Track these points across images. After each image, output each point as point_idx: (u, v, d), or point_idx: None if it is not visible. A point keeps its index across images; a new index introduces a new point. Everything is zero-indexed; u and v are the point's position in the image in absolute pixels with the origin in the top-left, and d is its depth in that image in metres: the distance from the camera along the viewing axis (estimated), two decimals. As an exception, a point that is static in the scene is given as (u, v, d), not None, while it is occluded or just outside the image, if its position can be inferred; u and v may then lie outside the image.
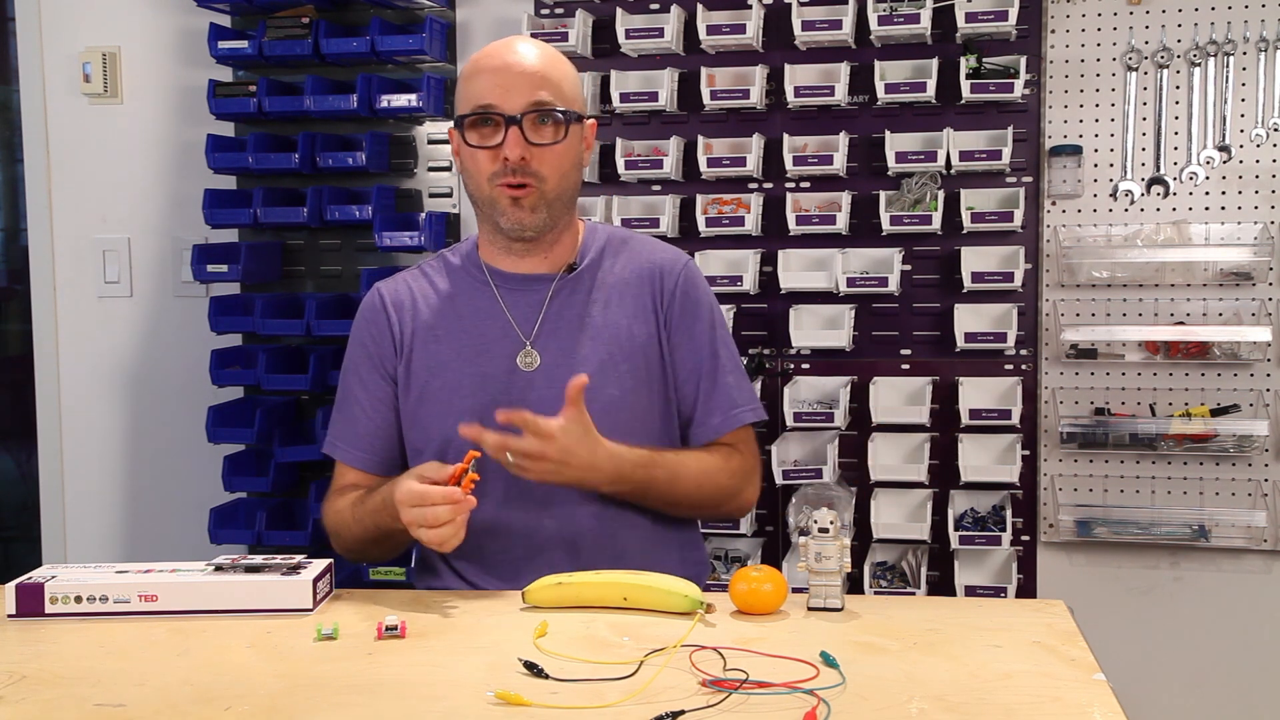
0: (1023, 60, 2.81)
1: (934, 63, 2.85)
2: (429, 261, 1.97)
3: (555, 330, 1.84)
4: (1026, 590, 2.88)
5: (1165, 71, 2.84)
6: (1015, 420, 2.80)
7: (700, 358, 1.90)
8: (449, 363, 1.85)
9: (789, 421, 2.85)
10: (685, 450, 1.90)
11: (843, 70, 2.87)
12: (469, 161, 1.82)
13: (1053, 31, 2.89)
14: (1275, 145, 2.82)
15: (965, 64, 2.80)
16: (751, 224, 2.93)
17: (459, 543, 1.61)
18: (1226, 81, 2.82)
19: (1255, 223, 2.83)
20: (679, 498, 1.85)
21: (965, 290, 2.85)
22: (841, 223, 2.88)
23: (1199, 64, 2.83)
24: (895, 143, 2.86)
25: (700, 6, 2.91)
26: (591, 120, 1.90)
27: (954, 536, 2.82)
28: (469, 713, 1.23)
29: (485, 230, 1.89)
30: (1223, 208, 2.85)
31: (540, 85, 1.77)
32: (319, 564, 1.63)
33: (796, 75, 2.92)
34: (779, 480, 2.83)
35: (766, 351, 3.01)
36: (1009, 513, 2.82)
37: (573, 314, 1.85)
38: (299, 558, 1.66)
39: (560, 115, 1.78)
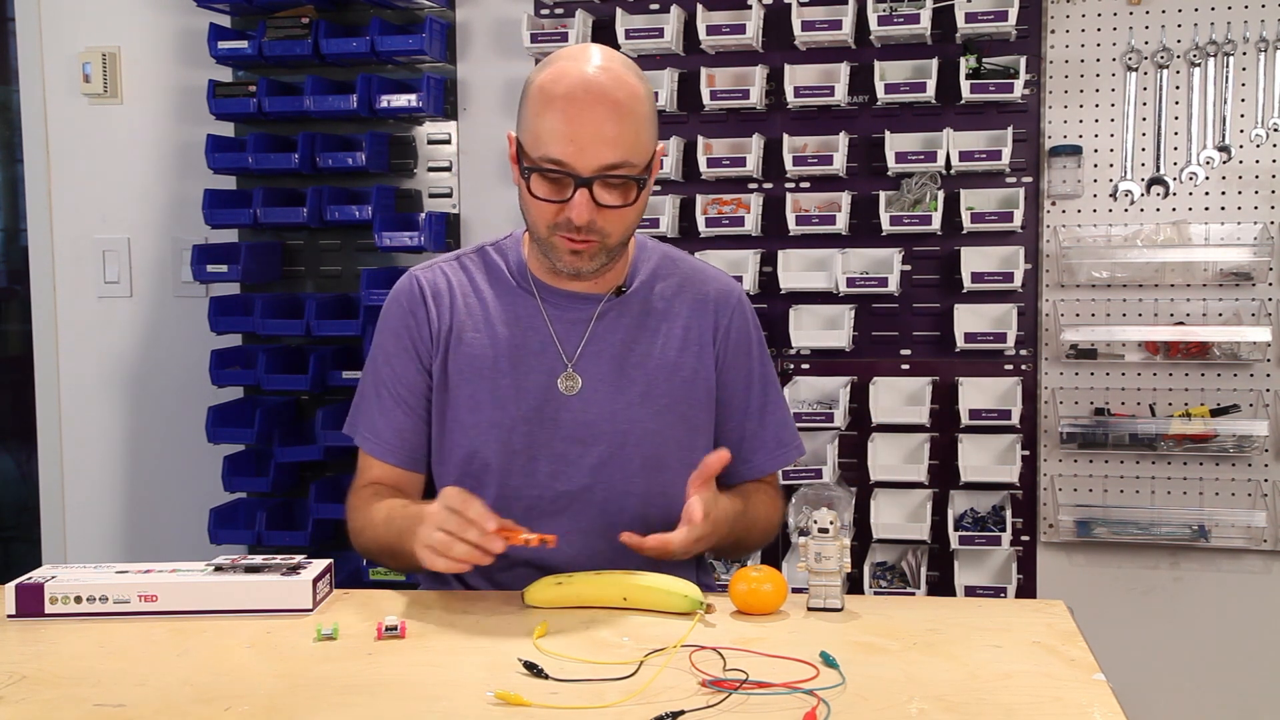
0: (1023, 60, 2.81)
1: (934, 63, 2.85)
2: (468, 254, 1.85)
3: (598, 354, 1.76)
4: (1026, 590, 2.88)
5: (1165, 71, 2.84)
6: (1015, 420, 2.80)
7: (750, 395, 1.85)
8: (483, 370, 1.76)
9: (789, 421, 2.86)
10: (750, 496, 1.85)
11: (843, 70, 2.87)
12: (530, 204, 1.68)
13: (1053, 31, 2.89)
14: (1275, 145, 2.82)
15: (965, 64, 2.80)
16: (751, 224, 2.93)
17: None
18: (1226, 81, 2.82)
19: (1255, 223, 2.83)
20: (746, 542, 1.84)
21: (965, 290, 2.85)
22: (841, 223, 2.88)
23: (1199, 64, 2.83)
24: (895, 143, 2.86)
25: (700, 6, 2.92)
26: (661, 144, 1.75)
27: (954, 537, 2.82)
28: (469, 713, 1.23)
29: (536, 249, 1.77)
30: (1223, 208, 2.85)
31: (616, 145, 1.61)
32: (319, 564, 1.63)
33: (796, 75, 2.92)
34: (779, 480, 2.83)
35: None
36: (1009, 513, 2.82)
37: (617, 339, 1.77)
38: (299, 558, 1.65)
39: (633, 179, 1.64)
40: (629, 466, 1.76)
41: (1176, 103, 2.85)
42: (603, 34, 3.00)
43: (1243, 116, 2.82)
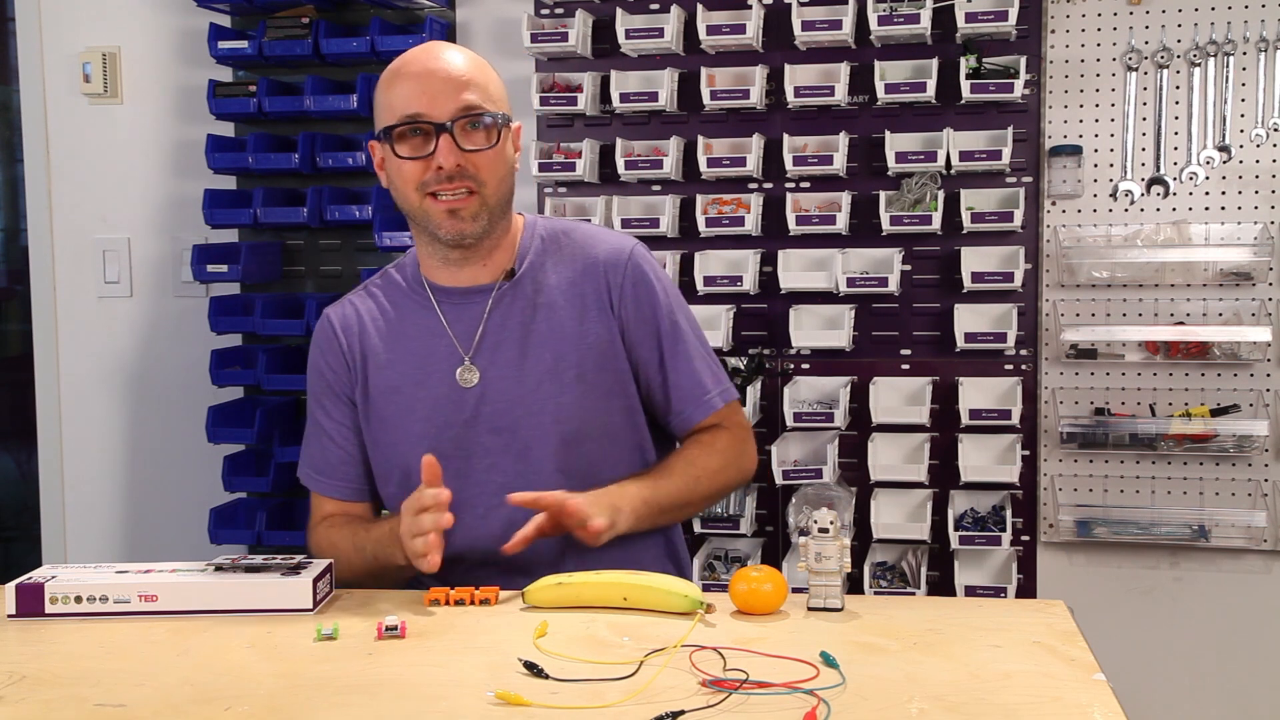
0: (1023, 60, 2.81)
1: (934, 63, 2.85)
2: (375, 280, 1.93)
3: (497, 343, 1.80)
4: (1026, 590, 2.88)
5: (1165, 71, 2.84)
6: (1015, 420, 2.80)
7: (661, 348, 1.85)
8: (399, 386, 1.82)
9: (789, 422, 2.85)
10: (674, 456, 1.87)
11: (843, 70, 2.87)
12: (397, 174, 1.76)
13: (1053, 31, 2.89)
14: (1275, 145, 2.82)
15: (965, 64, 2.80)
16: (751, 224, 2.93)
17: (439, 560, 1.61)
18: (1226, 81, 2.82)
19: (1255, 223, 2.83)
20: (687, 503, 1.85)
21: (965, 290, 2.85)
22: (841, 223, 2.88)
23: (1199, 64, 2.83)
24: (895, 143, 2.85)
25: (700, 6, 2.91)
26: (518, 124, 1.83)
27: (954, 536, 2.82)
28: (469, 713, 1.23)
29: (422, 244, 1.84)
30: (1223, 208, 2.85)
31: (467, 89, 1.72)
32: (319, 564, 1.63)
33: (796, 75, 2.92)
34: (779, 480, 2.83)
35: (766, 351, 3.01)
36: (1009, 513, 2.82)
37: (514, 323, 1.81)
38: (299, 558, 1.66)
39: (491, 119, 1.74)
40: (550, 445, 1.78)
41: (1176, 103, 2.85)
42: (603, 34, 3.00)
43: (1243, 116, 2.82)
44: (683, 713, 1.20)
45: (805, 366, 3.00)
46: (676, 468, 1.85)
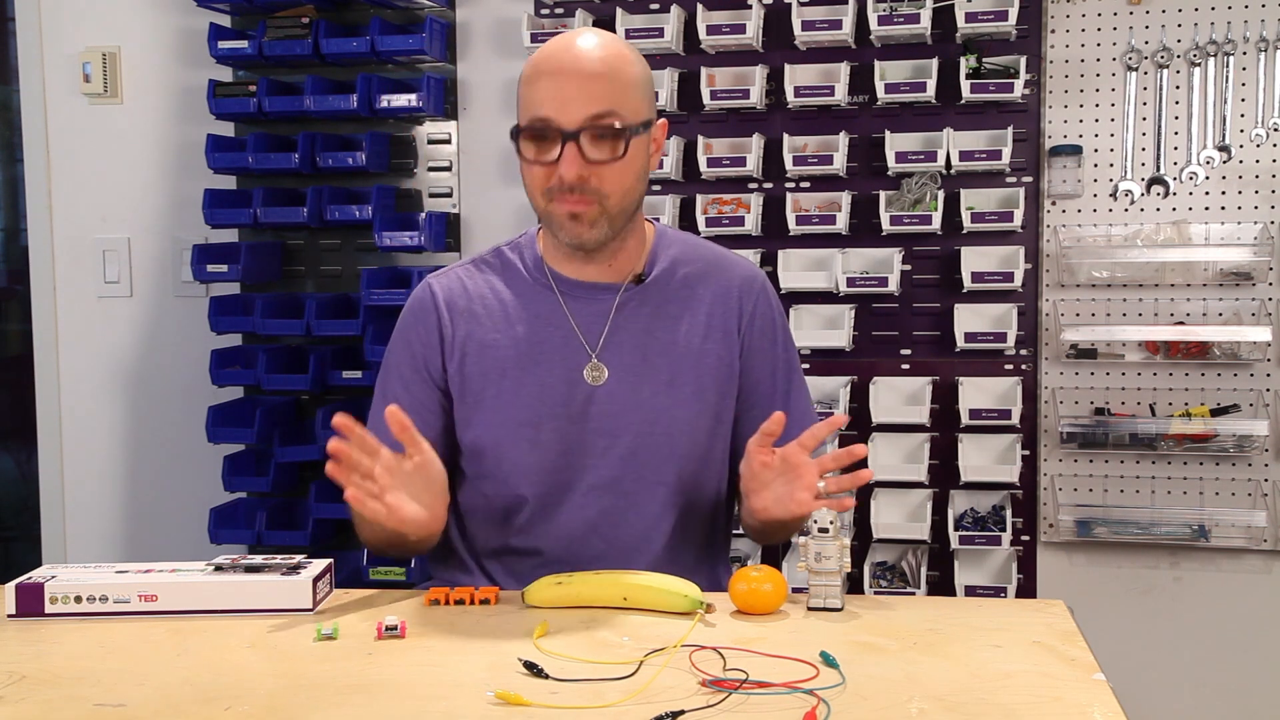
0: (1023, 60, 2.81)
1: (934, 63, 2.85)
2: (485, 256, 1.85)
3: (620, 344, 1.76)
4: (1026, 590, 2.88)
5: (1165, 71, 2.84)
6: (1015, 420, 2.80)
7: (776, 380, 1.84)
8: (507, 370, 1.76)
9: (789, 421, 2.85)
10: None
11: (843, 70, 2.87)
12: (525, 174, 1.69)
13: (1053, 31, 2.89)
14: (1275, 145, 2.82)
15: (965, 64, 2.80)
16: (751, 224, 2.93)
17: (409, 515, 1.57)
18: (1226, 81, 2.82)
19: (1255, 223, 2.83)
20: (794, 530, 1.80)
21: (965, 290, 2.85)
22: (841, 223, 2.88)
23: (1199, 64, 2.83)
24: (895, 143, 2.86)
25: (700, 6, 2.91)
26: (662, 120, 1.76)
27: (954, 536, 2.83)
28: (469, 713, 1.23)
29: (547, 234, 1.78)
30: (1223, 208, 2.85)
31: (600, 97, 1.62)
32: (319, 564, 1.63)
33: (796, 75, 2.92)
34: (779, 480, 2.83)
35: (766, 351, 3.01)
36: (1009, 513, 2.82)
37: (639, 327, 1.77)
38: (299, 558, 1.65)
39: (620, 129, 1.64)
40: (657, 456, 1.75)
41: (1176, 103, 2.85)
42: (603, 34, 3.00)
43: (1243, 116, 2.82)
44: (683, 713, 1.20)
45: (805, 366, 2.99)
46: None
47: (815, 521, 1.54)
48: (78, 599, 1.56)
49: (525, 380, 1.75)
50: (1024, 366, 2.90)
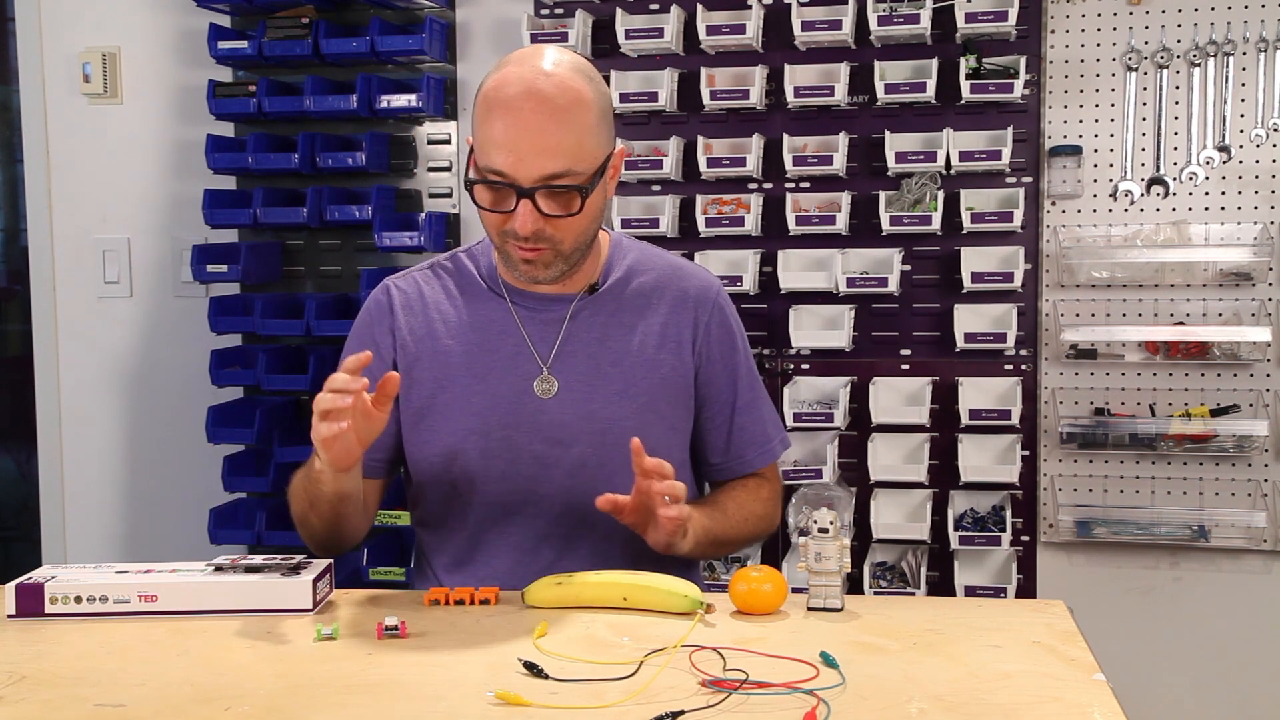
0: (1022, 60, 2.81)
1: (934, 63, 2.85)
2: (444, 261, 1.86)
3: (573, 353, 1.76)
4: (1026, 590, 2.88)
5: (1165, 71, 2.84)
6: (1015, 420, 2.80)
7: (737, 390, 1.84)
8: (457, 377, 1.76)
9: (789, 422, 2.85)
10: (723, 495, 1.86)
11: (843, 70, 2.87)
12: (478, 212, 1.68)
13: (1053, 31, 2.89)
14: (1275, 145, 2.82)
15: (965, 64, 2.80)
16: (751, 224, 2.93)
17: (345, 450, 1.56)
18: (1226, 81, 2.82)
19: (1255, 223, 2.83)
20: (730, 541, 1.83)
21: (965, 290, 2.85)
22: (841, 223, 2.88)
23: (1199, 64, 2.83)
24: (895, 143, 2.86)
25: (700, 6, 2.91)
26: (620, 147, 1.73)
27: (954, 537, 2.83)
28: (469, 713, 1.23)
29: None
30: (1223, 208, 2.85)
31: (558, 153, 1.59)
32: (319, 564, 1.63)
33: (796, 75, 2.92)
34: (779, 480, 2.83)
35: (766, 352, 3.01)
36: (1009, 513, 2.82)
37: (592, 336, 1.77)
38: (299, 558, 1.66)
39: (577, 187, 1.62)
40: (608, 466, 1.74)
41: (1176, 103, 2.85)
42: (603, 34, 3.01)
43: (1243, 116, 2.82)
44: (682, 713, 1.20)
45: (805, 367, 3.00)
46: (729, 506, 1.82)
47: (815, 522, 1.54)
48: (78, 599, 1.56)
49: (475, 389, 1.76)
50: (1024, 367, 2.90)
